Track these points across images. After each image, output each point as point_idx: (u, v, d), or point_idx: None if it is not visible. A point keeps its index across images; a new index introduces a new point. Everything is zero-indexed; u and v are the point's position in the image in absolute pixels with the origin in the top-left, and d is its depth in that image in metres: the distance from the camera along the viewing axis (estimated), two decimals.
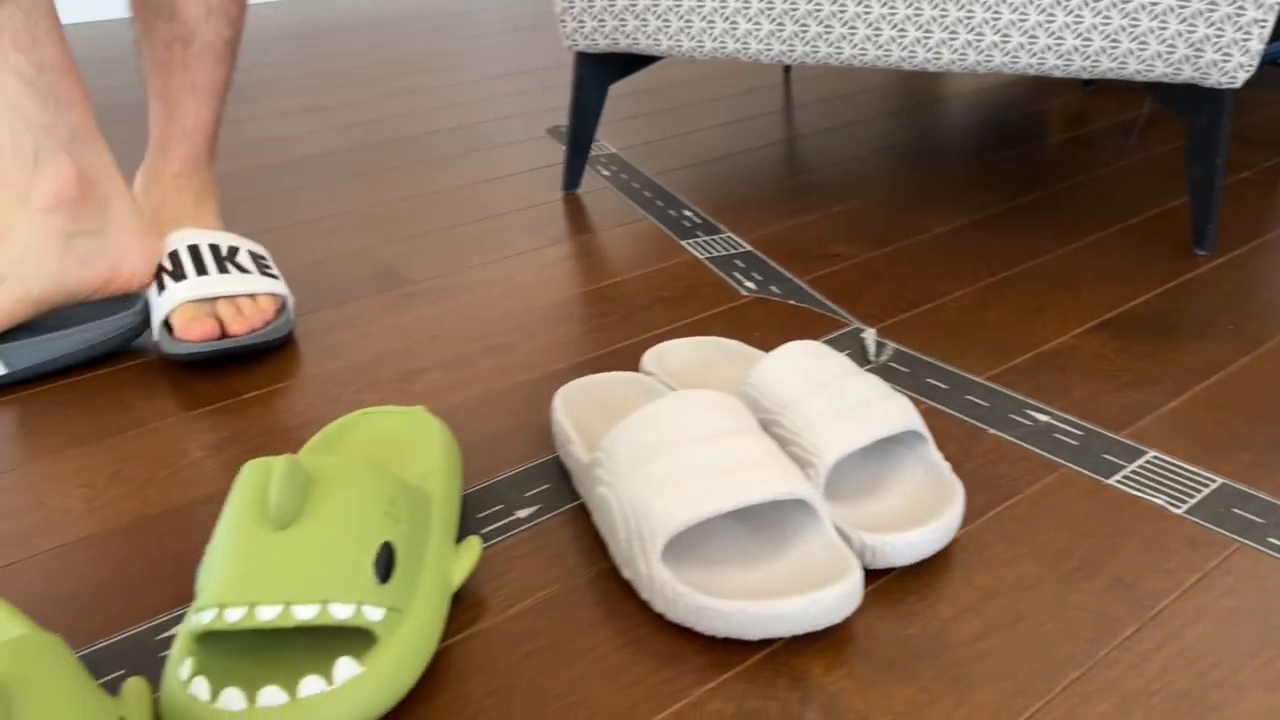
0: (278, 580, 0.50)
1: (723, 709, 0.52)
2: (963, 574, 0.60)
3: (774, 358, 0.66)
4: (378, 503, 0.55)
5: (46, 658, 0.44)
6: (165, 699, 0.49)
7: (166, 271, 0.87)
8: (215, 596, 0.50)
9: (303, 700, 0.48)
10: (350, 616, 0.50)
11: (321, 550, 0.51)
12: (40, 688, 0.42)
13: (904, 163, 1.31)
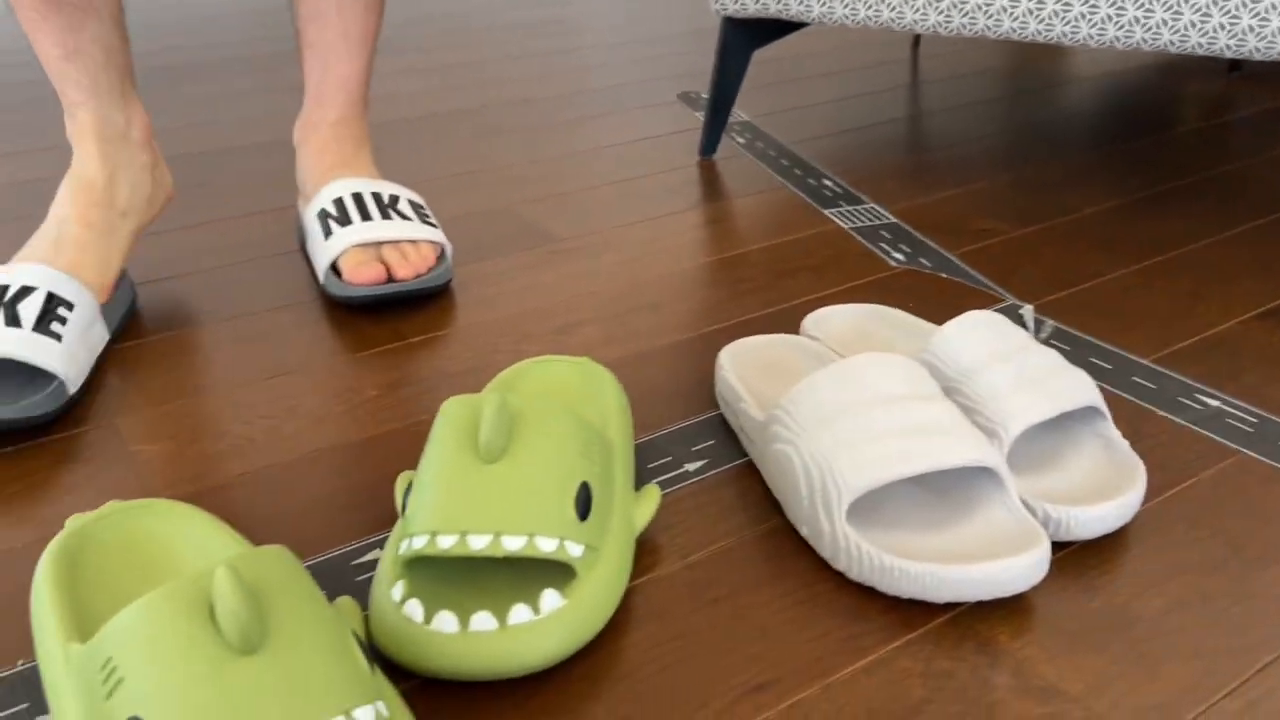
0: (487, 511, 0.51)
1: (911, 667, 0.52)
2: (1143, 552, 0.60)
3: (955, 326, 0.66)
4: (575, 444, 0.56)
5: (285, 566, 0.46)
6: (377, 619, 0.52)
7: (332, 217, 0.89)
8: (428, 523, 0.52)
9: (512, 628, 0.50)
10: (554, 550, 0.51)
11: (528, 485, 0.53)
12: (284, 593, 0.44)
13: (1044, 142, 1.29)
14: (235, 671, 0.41)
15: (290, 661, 0.42)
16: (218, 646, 0.41)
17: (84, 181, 0.84)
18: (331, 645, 0.43)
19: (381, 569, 0.54)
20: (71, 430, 0.72)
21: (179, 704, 0.40)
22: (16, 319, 0.72)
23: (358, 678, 0.43)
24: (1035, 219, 1.05)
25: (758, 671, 0.52)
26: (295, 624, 0.43)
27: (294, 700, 0.40)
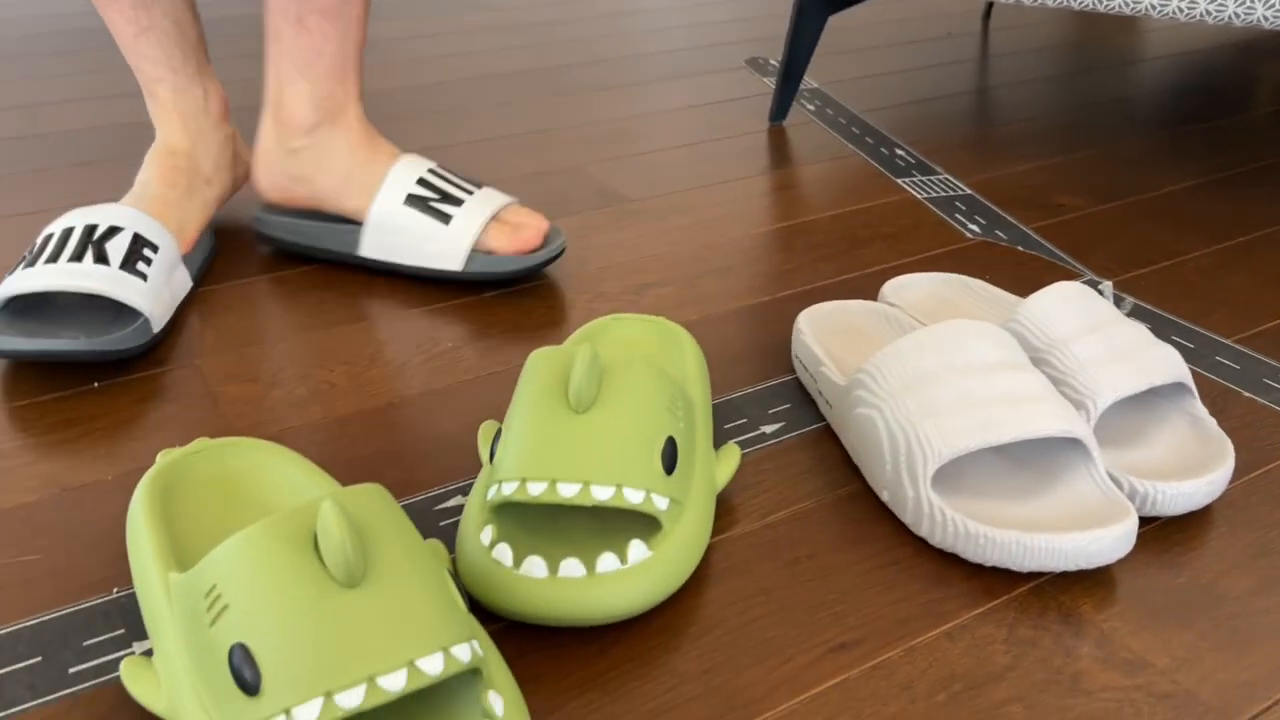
0: (577, 460, 0.52)
1: (994, 634, 0.52)
2: (1230, 531, 0.59)
3: (1045, 296, 0.65)
4: (662, 399, 0.56)
5: (383, 504, 0.46)
6: (465, 562, 0.52)
7: (432, 200, 0.84)
8: (518, 470, 0.52)
9: (600, 576, 0.50)
10: (641, 502, 0.52)
11: (617, 437, 0.53)
12: (383, 530, 0.45)
13: (1121, 119, 1.26)
14: (339, 604, 0.41)
15: (392, 596, 0.42)
16: (322, 579, 0.42)
17: (167, 150, 0.86)
18: (430, 583, 0.44)
19: (469, 514, 0.55)
20: (155, 370, 0.73)
21: (284, 633, 0.41)
22: (104, 257, 0.73)
23: (455, 616, 0.44)
24: (1114, 195, 1.04)
25: (840, 631, 0.52)
26: (395, 560, 0.43)
27: (396, 634, 0.41)
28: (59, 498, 0.61)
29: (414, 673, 0.40)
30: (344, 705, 0.39)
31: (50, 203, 0.99)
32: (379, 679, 0.40)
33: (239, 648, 0.40)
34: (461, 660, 0.42)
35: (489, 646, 0.46)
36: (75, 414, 0.68)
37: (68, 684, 0.49)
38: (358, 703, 0.39)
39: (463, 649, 0.42)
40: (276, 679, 0.40)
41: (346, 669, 0.40)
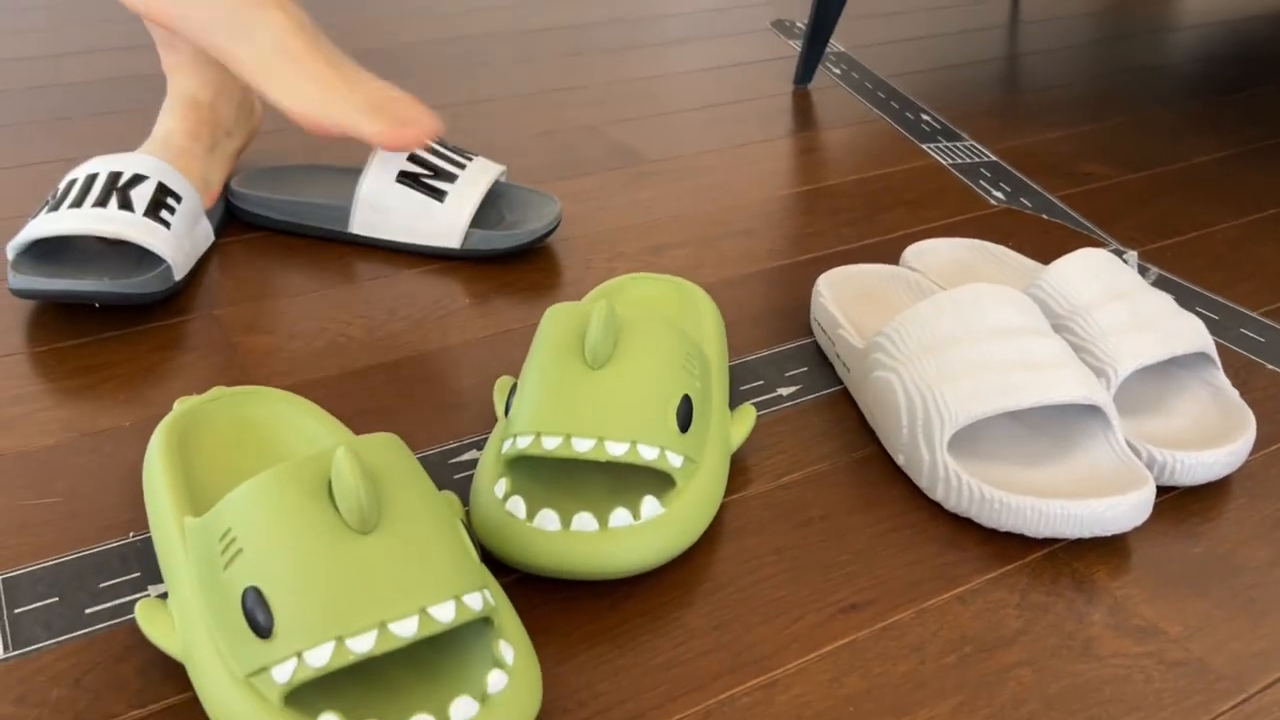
0: (592, 415, 0.52)
1: (1006, 599, 0.52)
2: (1249, 502, 0.59)
3: (1069, 262, 0.64)
4: (678, 356, 0.56)
5: (397, 453, 0.47)
6: (479, 514, 0.52)
7: (426, 174, 0.81)
8: (533, 424, 0.52)
9: (613, 530, 0.50)
10: (655, 459, 0.52)
11: (632, 393, 0.53)
12: (397, 479, 0.45)
13: (1151, 88, 1.24)
14: (352, 549, 0.41)
15: (405, 543, 0.42)
16: (336, 525, 0.42)
17: (189, 101, 0.85)
18: (443, 531, 0.44)
19: (483, 467, 0.55)
20: (174, 319, 0.73)
21: (297, 577, 0.41)
22: (129, 203, 0.73)
23: (468, 564, 0.44)
24: (1143, 165, 1.02)
25: (852, 591, 0.52)
26: (409, 508, 0.44)
27: (408, 581, 0.41)
28: (78, 442, 0.61)
29: (425, 619, 0.40)
30: (355, 650, 0.39)
31: (70, 152, 0.99)
32: (390, 625, 0.40)
33: (252, 591, 0.41)
34: (473, 608, 0.42)
35: (501, 596, 0.47)
36: (95, 360, 0.68)
37: (83, 624, 0.49)
38: (369, 648, 0.39)
39: (475, 597, 0.43)
40: (289, 622, 0.40)
41: (358, 614, 0.40)
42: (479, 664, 0.43)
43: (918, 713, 0.46)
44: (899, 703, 0.46)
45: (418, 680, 0.43)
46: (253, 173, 0.88)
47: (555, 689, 0.47)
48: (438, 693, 0.42)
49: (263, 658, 0.40)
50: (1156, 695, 0.47)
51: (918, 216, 0.91)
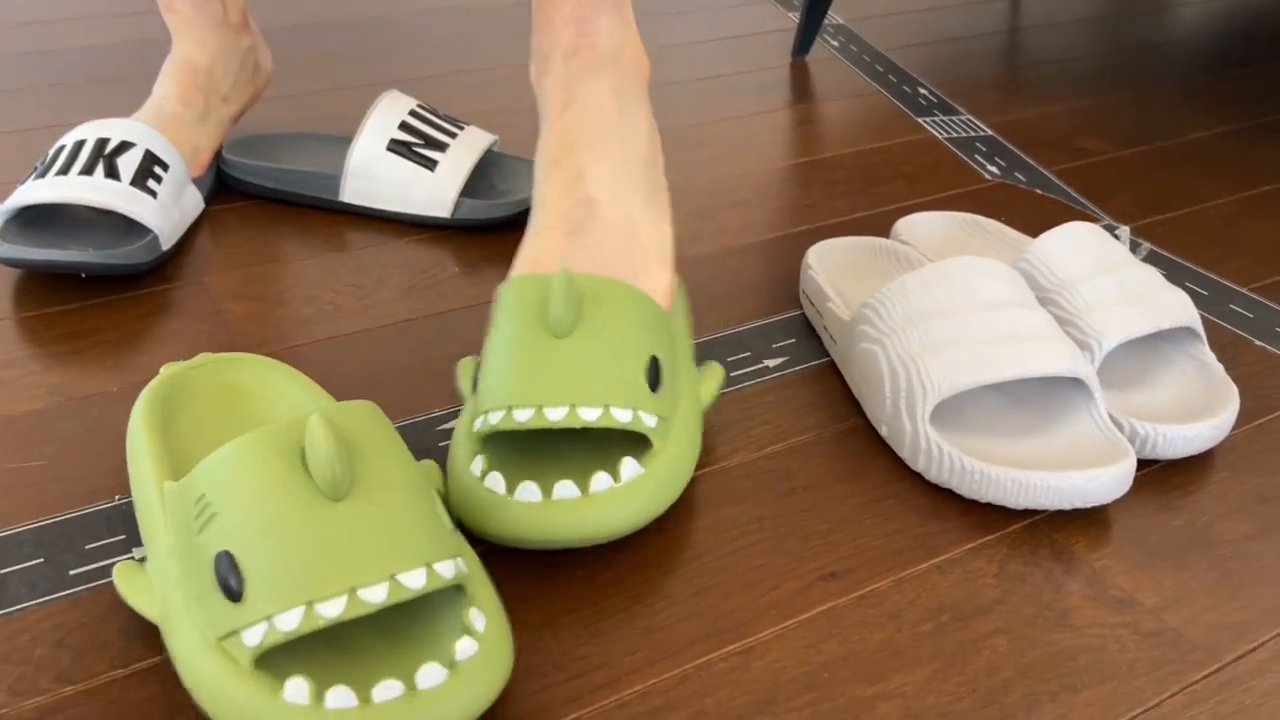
0: (561, 383, 0.52)
1: (985, 569, 0.52)
2: (1230, 476, 0.59)
3: (1056, 235, 0.64)
4: (643, 318, 0.56)
5: (374, 421, 0.47)
6: (458, 493, 0.52)
7: (418, 143, 0.82)
8: (503, 398, 0.52)
9: (594, 495, 0.50)
10: (629, 420, 0.52)
11: (600, 358, 0.53)
12: (373, 446, 0.45)
13: (1153, 63, 1.23)
14: (324, 515, 0.42)
15: (377, 510, 0.42)
16: (308, 490, 0.42)
17: (186, 65, 0.84)
18: (416, 499, 0.44)
19: (456, 446, 0.55)
20: (162, 285, 0.73)
21: (269, 541, 0.41)
22: (115, 171, 0.73)
23: (441, 533, 0.44)
24: (1139, 140, 1.02)
25: (831, 560, 0.53)
26: (383, 475, 0.44)
27: (380, 547, 0.41)
28: (65, 406, 0.61)
29: (395, 586, 0.41)
30: (325, 615, 0.40)
31: (67, 118, 0.99)
32: (360, 591, 0.40)
33: (224, 555, 0.41)
34: (444, 576, 0.42)
35: (475, 566, 0.47)
36: (83, 326, 0.69)
37: (68, 585, 0.50)
38: (338, 613, 0.40)
39: (446, 565, 0.43)
40: (260, 586, 0.40)
41: (329, 580, 0.40)
42: (449, 631, 0.44)
43: (892, 679, 0.46)
44: (874, 669, 0.47)
45: (387, 647, 0.44)
46: (244, 141, 0.88)
47: (534, 654, 0.47)
48: (406, 659, 0.43)
49: (234, 621, 0.40)
50: (1130, 665, 0.47)
51: (912, 190, 0.91)
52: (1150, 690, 0.46)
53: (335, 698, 0.40)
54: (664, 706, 0.45)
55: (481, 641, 0.43)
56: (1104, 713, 0.45)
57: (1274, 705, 0.46)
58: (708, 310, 0.73)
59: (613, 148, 0.59)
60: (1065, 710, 0.45)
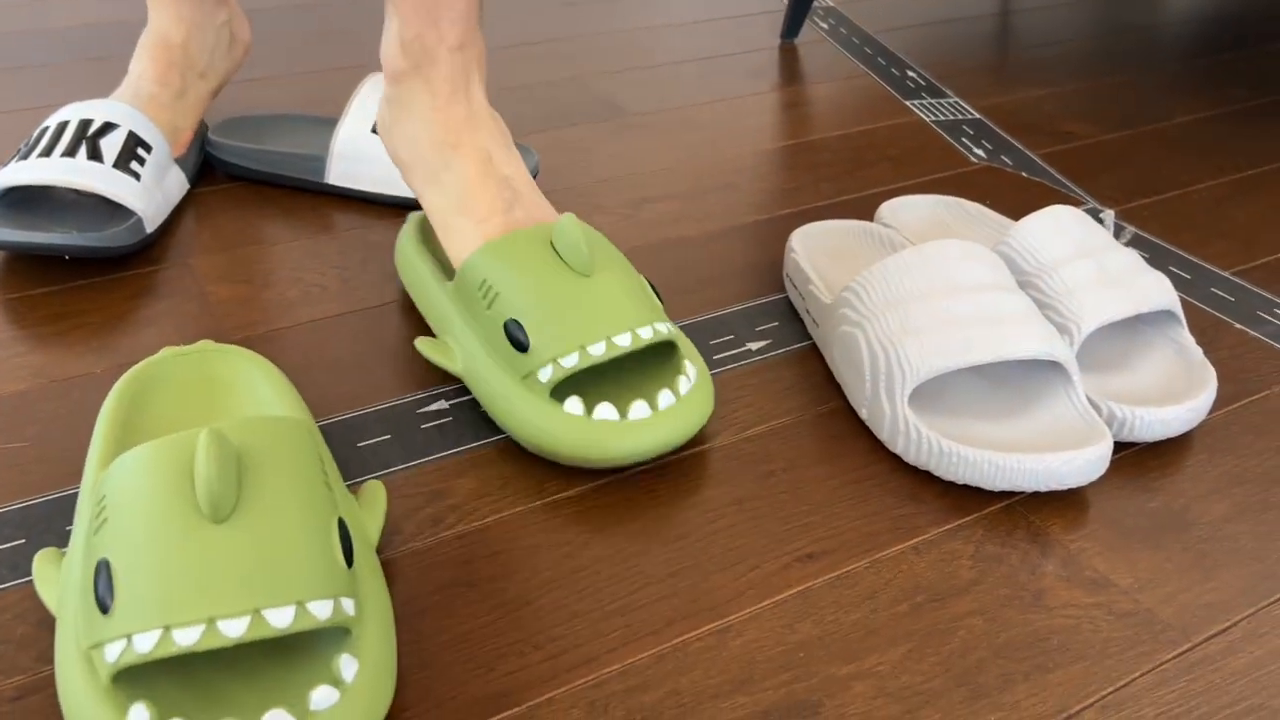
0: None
1: (961, 550, 0.53)
2: (1208, 458, 0.59)
3: (1037, 220, 0.64)
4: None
5: (288, 439, 0.45)
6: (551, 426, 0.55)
7: None
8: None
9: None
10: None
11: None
12: (275, 468, 0.43)
13: (1141, 48, 1.23)
14: (201, 538, 0.40)
15: (256, 538, 0.40)
16: (192, 510, 0.41)
17: (161, 41, 0.83)
18: (306, 530, 0.42)
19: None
20: (147, 268, 0.73)
21: (141, 558, 0.40)
22: (99, 153, 0.73)
23: (325, 569, 0.41)
24: (1126, 124, 1.02)
25: (809, 541, 0.53)
26: (273, 501, 0.42)
27: (248, 579, 0.39)
28: (48, 388, 0.62)
29: (258, 621, 0.39)
30: (179, 642, 0.38)
31: (57, 98, 0.99)
32: (219, 622, 0.38)
33: (104, 564, 0.40)
34: (318, 617, 0.40)
35: (375, 604, 0.44)
36: (67, 308, 0.69)
37: None
38: (192, 642, 0.38)
39: (322, 605, 0.40)
40: (126, 603, 0.39)
41: (189, 606, 0.38)
42: (314, 676, 0.42)
43: (867, 659, 0.47)
44: (849, 649, 0.47)
45: (244, 685, 0.41)
46: (230, 122, 0.88)
47: (513, 633, 0.48)
48: (258, 700, 0.41)
49: (99, 633, 0.39)
50: (1103, 644, 0.48)
51: (898, 173, 0.91)
52: (1122, 669, 0.47)
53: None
54: (640, 685, 0.45)
55: (345, 693, 0.40)
56: (1076, 692, 0.46)
57: (1244, 684, 0.46)
58: (691, 293, 0.73)
59: (494, 130, 0.65)
60: (1038, 689, 0.46)
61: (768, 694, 0.45)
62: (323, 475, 0.45)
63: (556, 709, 0.44)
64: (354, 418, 0.60)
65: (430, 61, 0.63)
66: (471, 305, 0.59)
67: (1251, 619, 0.49)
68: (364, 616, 0.43)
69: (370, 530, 0.49)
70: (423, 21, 0.62)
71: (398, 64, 0.64)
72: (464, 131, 0.64)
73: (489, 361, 0.58)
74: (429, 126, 0.64)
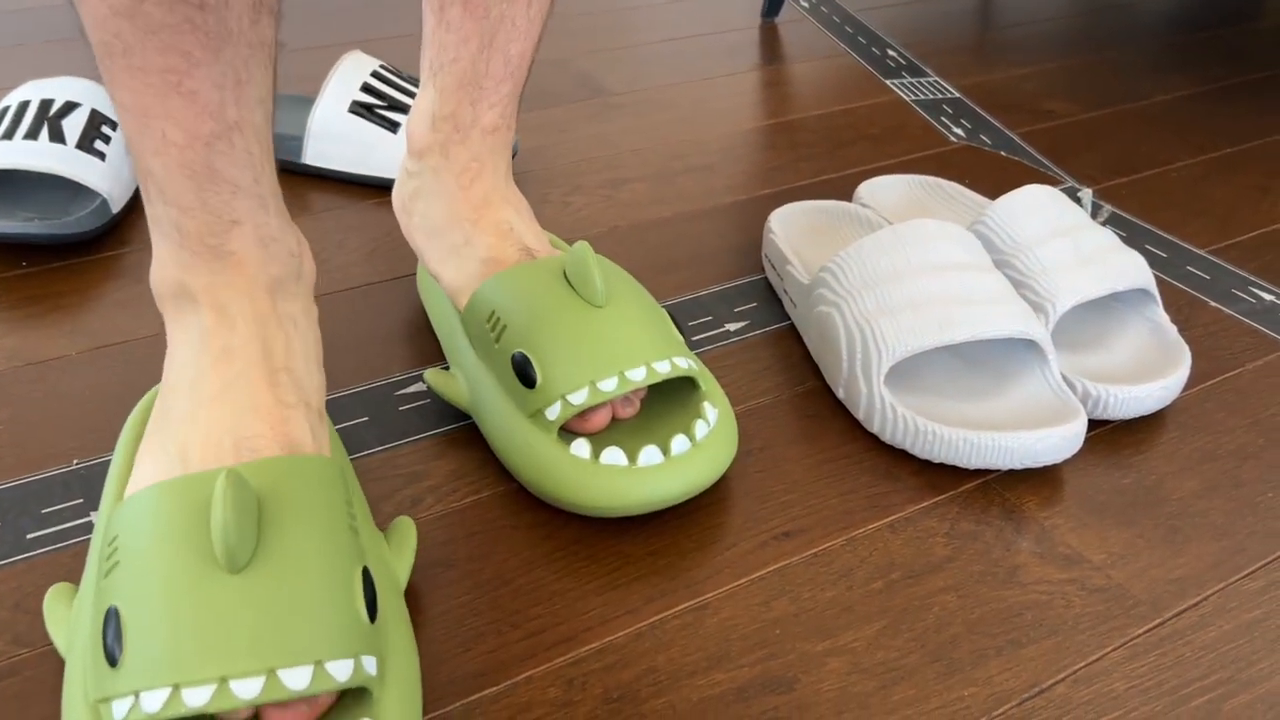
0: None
1: (936, 527, 0.53)
2: (1180, 435, 0.60)
3: (1012, 199, 0.64)
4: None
5: (311, 479, 0.42)
6: (565, 474, 0.51)
7: (380, 105, 0.81)
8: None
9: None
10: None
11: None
12: (297, 513, 0.40)
13: (1121, 27, 1.24)
14: (215, 590, 0.37)
15: (273, 592, 0.38)
16: (205, 558, 0.38)
17: None
18: (327, 582, 0.39)
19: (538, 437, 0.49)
20: (121, 249, 0.73)
21: (152, 609, 0.37)
22: (60, 134, 0.72)
23: (346, 625, 0.39)
24: (1105, 103, 1.02)
25: (785, 520, 0.53)
26: (294, 550, 0.39)
27: (267, 635, 0.37)
28: (22, 371, 0.61)
29: (272, 682, 0.36)
30: (189, 703, 0.36)
31: (29, 77, 0.98)
32: (231, 682, 0.36)
33: (114, 612, 0.38)
34: (336, 678, 0.37)
35: (402, 659, 0.42)
36: (41, 290, 0.68)
37: (25, 549, 0.50)
38: (203, 703, 0.36)
39: (342, 666, 0.38)
40: (134, 657, 0.37)
41: (200, 665, 0.36)
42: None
43: (842, 635, 0.47)
44: (824, 626, 0.48)
45: None
46: None
47: (491, 612, 0.48)
48: None
49: (107, 687, 0.37)
50: (1075, 619, 0.48)
51: (878, 152, 0.91)
52: (1094, 644, 0.47)
53: None
54: (618, 663, 0.46)
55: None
56: (1048, 666, 0.46)
57: (1213, 658, 0.47)
58: (670, 274, 0.73)
59: (519, 206, 0.61)
60: (1011, 664, 0.46)
61: (744, 670, 0.45)
62: (349, 519, 0.42)
63: (535, 687, 0.45)
64: (331, 400, 0.60)
65: (460, 140, 0.59)
66: (481, 338, 0.56)
67: (1221, 594, 0.50)
68: (386, 674, 0.40)
69: (399, 573, 0.46)
70: (461, 99, 0.58)
71: (425, 139, 0.60)
72: (486, 209, 0.60)
73: (497, 397, 0.54)
74: (450, 203, 0.60)
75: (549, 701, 0.44)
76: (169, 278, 0.46)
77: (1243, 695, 0.45)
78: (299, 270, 0.50)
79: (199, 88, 0.42)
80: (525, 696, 0.44)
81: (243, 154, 0.44)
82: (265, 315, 0.46)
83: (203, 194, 0.44)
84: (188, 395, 0.44)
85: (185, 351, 0.46)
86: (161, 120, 0.42)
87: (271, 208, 0.47)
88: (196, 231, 0.45)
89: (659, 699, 0.44)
